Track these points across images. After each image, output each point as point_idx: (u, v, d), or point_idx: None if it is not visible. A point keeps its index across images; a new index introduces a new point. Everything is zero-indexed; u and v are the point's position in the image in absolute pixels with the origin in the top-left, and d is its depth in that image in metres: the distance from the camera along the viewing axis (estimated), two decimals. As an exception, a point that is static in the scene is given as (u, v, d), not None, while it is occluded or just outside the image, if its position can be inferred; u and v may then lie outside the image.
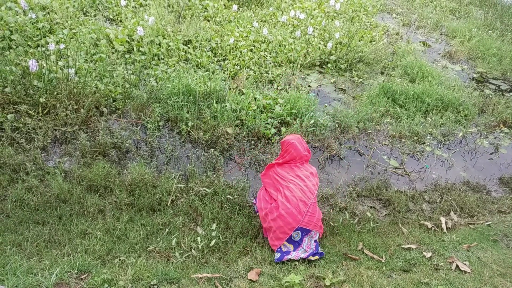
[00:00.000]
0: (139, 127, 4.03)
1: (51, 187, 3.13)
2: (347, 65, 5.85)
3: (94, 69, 4.44)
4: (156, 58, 5.08)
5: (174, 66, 4.96)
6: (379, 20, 7.64)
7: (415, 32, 7.46)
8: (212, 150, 3.87)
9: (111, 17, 5.78)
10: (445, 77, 5.92)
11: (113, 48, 5.02)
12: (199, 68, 5.11)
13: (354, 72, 5.75)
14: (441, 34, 7.55)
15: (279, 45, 5.87)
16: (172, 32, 5.54)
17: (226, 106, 4.38)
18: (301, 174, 2.98)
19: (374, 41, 6.49)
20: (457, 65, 6.53)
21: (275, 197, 2.93)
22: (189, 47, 5.41)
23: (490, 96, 5.68)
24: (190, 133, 4.09)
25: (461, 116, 5.09)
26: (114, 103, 4.22)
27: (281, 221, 2.81)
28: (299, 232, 2.84)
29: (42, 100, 3.83)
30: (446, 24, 7.81)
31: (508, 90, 6.03)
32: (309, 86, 5.37)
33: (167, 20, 5.72)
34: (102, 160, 3.50)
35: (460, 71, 6.37)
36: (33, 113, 3.77)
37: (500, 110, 5.31)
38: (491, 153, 4.69)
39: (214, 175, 3.58)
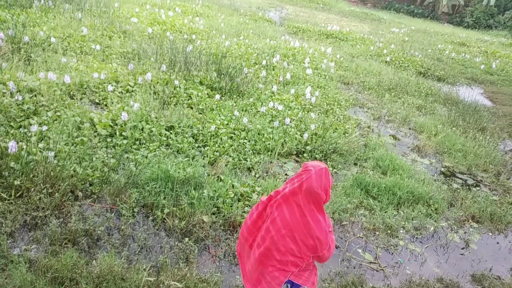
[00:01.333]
0: (113, 213, 3.97)
1: (13, 278, 2.96)
2: (322, 155, 6.09)
3: (74, 152, 4.48)
4: (137, 142, 5.19)
5: (155, 151, 5.06)
6: (352, 114, 8.18)
7: (385, 126, 7.97)
8: (187, 239, 3.81)
9: (97, 101, 5.99)
10: (415, 170, 6.22)
11: (96, 131, 5.13)
12: (180, 153, 5.22)
13: (329, 162, 5.98)
14: (410, 129, 8.08)
15: (258, 134, 6.13)
16: (156, 118, 5.75)
17: (203, 193, 4.42)
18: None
19: (347, 133, 6.86)
20: (426, 159, 6.90)
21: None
22: (171, 133, 5.59)
23: (458, 190, 5.95)
24: (165, 221, 4.04)
25: (431, 209, 5.26)
26: (90, 187, 4.19)
27: (268, 276, 2.48)
28: (288, 284, 2.55)
29: (16, 182, 3.78)
30: (413, 119, 8.41)
31: (474, 185, 6.34)
32: (286, 174, 5.52)
33: (151, 106, 5.97)
34: (71, 248, 3.38)
35: (428, 164, 6.73)
36: (5, 196, 3.69)
37: (468, 205, 5.53)
38: (462, 248, 4.78)
39: (187, 268, 3.48)
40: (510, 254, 4.85)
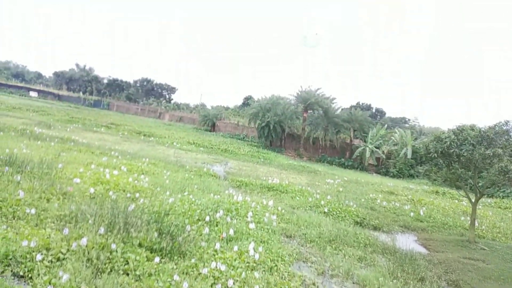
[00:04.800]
0: None
1: None
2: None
3: None
4: (61, 321, 4.65)
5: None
6: (296, 269, 8.13)
7: (330, 281, 7.93)
8: None
9: (21, 273, 5.49)
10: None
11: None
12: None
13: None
14: (353, 283, 8.08)
15: (199, 300, 5.79)
16: (86, 289, 5.31)
17: None
18: None
19: (292, 293, 6.70)
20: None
21: None
22: (102, 306, 5.11)
23: None
24: None
25: None
26: None
27: None
28: None
29: None
30: (356, 272, 8.50)
31: None
32: None
33: (83, 276, 5.57)
34: None
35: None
36: None
37: None
38: None
39: None
40: None
